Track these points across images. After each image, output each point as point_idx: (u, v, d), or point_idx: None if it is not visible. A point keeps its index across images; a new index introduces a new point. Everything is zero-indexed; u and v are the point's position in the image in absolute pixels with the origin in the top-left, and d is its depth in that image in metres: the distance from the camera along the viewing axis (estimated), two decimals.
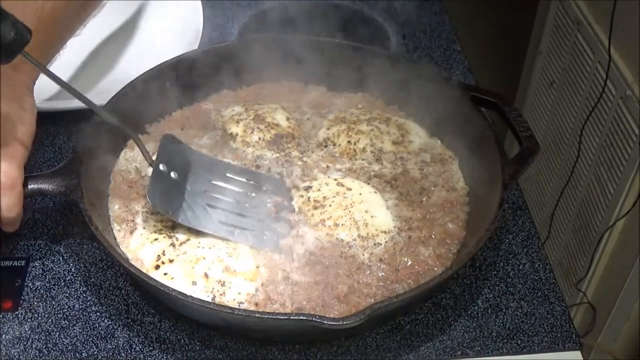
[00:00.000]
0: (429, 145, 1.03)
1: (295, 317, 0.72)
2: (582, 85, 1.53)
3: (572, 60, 1.57)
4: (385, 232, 0.89)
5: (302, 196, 0.93)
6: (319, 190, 0.93)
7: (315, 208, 0.91)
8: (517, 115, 0.95)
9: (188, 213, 0.87)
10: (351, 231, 0.88)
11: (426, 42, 1.31)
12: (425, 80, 1.02)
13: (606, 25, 1.39)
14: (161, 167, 0.88)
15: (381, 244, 0.88)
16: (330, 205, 0.90)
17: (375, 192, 0.94)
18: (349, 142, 1.01)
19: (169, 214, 0.86)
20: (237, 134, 1.02)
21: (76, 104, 1.04)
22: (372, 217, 0.90)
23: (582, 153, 1.53)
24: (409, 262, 0.86)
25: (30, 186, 0.84)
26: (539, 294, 0.89)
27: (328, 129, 1.04)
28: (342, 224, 0.88)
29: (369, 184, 0.96)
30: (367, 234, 0.88)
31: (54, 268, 0.90)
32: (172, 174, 0.89)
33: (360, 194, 0.93)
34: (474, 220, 0.91)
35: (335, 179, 0.95)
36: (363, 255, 0.86)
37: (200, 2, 1.26)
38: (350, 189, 0.93)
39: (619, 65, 1.38)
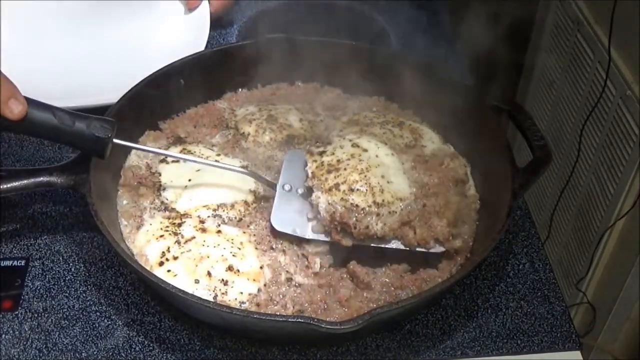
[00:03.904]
0: (442, 151, 1.02)
1: (293, 320, 0.72)
2: (582, 85, 1.53)
3: (572, 60, 1.57)
4: (401, 200, 0.87)
5: (315, 161, 0.90)
6: (333, 154, 0.91)
7: (329, 172, 0.88)
8: (531, 124, 0.94)
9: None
10: (366, 197, 0.85)
11: (426, 42, 1.31)
12: (440, 86, 1.01)
13: (606, 25, 1.38)
14: (286, 187, 0.89)
15: (396, 212, 0.86)
16: (345, 169, 0.88)
17: (392, 155, 0.91)
18: None
19: (296, 233, 0.86)
20: (249, 134, 1.02)
21: (75, 103, 1.05)
22: (388, 182, 0.87)
23: (582, 153, 1.53)
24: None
25: (39, 178, 0.84)
26: (539, 294, 0.89)
27: (341, 130, 1.03)
28: (358, 189, 0.86)
29: (386, 144, 0.93)
30: (383, 201, 0.86)
31: (54, 268, 0.90)
32: (299, 190, 0.89)
33: (376, 156, 0.90)
34: (481, 227, 0.91)
35: (350, 140, 0.92)
36: (376, 225, 0.85)
37: (207, 1, 1.26)
38: (367, 150, 0.90)
39: (619, 65, 1.37)
